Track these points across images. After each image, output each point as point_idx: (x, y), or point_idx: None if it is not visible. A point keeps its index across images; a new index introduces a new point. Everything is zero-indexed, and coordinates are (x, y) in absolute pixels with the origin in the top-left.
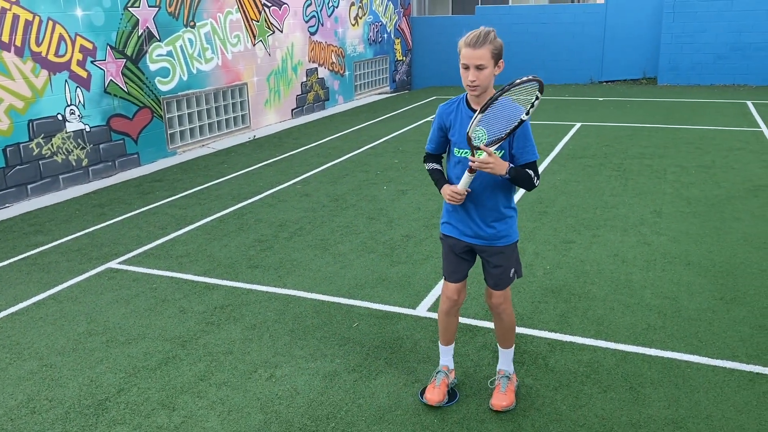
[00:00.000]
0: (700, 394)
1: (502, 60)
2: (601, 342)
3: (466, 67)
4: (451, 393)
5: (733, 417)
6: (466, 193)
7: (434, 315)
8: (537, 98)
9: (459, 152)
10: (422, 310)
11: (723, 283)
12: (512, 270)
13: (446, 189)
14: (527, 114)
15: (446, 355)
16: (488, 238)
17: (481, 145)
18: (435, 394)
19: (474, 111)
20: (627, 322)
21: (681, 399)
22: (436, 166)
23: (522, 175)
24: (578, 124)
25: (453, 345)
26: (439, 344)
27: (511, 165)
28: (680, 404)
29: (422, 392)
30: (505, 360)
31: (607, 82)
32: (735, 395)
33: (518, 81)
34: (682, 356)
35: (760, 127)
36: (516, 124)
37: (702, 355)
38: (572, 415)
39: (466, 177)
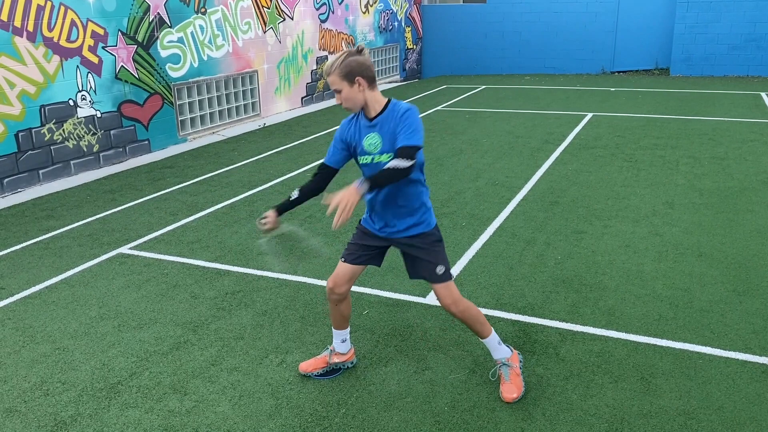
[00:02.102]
0: (712, 386)
1: (359, 77)
2: (612, 332)
3: (334, 92)
4: (331, 371)
5: (745, 409)
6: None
7: None
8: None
9: (362, 159)
10: (432, 298)
11: (735, 274)
12: (438, 266)
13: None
14: None
15: (335, 338)
16: (400, 232)
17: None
18: (307, 363)
19: (369, 121)
20: (638, 313)
21: (693, 390)
22: (309, 185)
23: (382, 176)
24: (590, 115)
25: (343, 331)
26: None
27: (360, 182)
28: (692, 395)
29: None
30: (493, 349)
31: (619, 72)
32: (747, 387)
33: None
34: (694, 347)
35: None
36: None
37: (714, 346)
38: (583, 405)
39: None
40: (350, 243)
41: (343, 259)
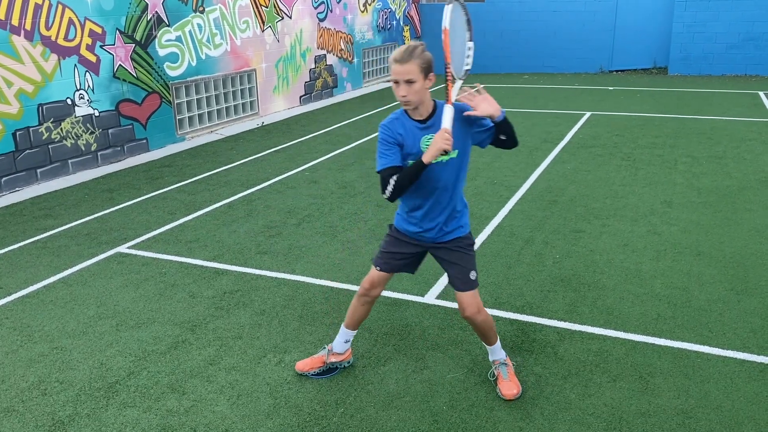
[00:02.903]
0: (710, 385)
1: (432, 73)
2: (610, 331)
3: (397, 83)
4: (327, 370)
5: (743, 408)
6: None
7: (443, 303)
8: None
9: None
10: (431, 297)
11: (734, 273)
12: (472, 272)
13: (439, 135)
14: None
15: (340, 337)
16: (443, 234)
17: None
18: (303, 362)
19: (417, 121)
20: (637, 312)
21: (691, 389)
22: (396, 169)
23: (510, 126)
24: (588, 113)
25: (352, 332)
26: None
27: (503, 112)
28: (690, 394)
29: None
30: (494, 351)
31: (617, 71)
32: (745, 386)
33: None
34: (692, 347)
35: None
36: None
37: (712, 345)
38: (581, 404)
39: (449, 113)
40: (383, 251)
41: (378, 269)
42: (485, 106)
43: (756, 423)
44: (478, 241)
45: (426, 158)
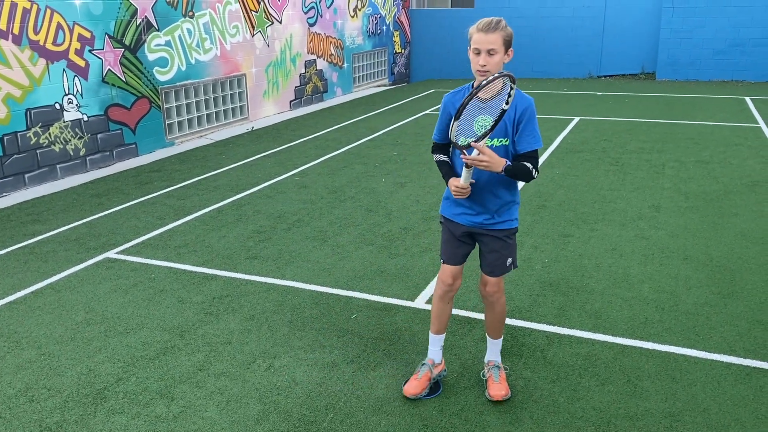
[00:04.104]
0: (697, 388)
1: (511, 49)
2: (599, 335)
3: (478, 52)
4: (434, 386)
5: (729, 411)
6: (469, 186)
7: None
8: (511, 88)
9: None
10: (420, 302)
11: (721, 277)
12: (509, 259)
13: (451, 183)
14: (506, 104)
15: (434, 346)
16: (488, 222)
17: (473, 143)
18: (413, 386)
19: (483, 102)
20: (625, 316)
21: (678, 392)
22: (443, 157)
23: (520, 169)
24: (577, 119)
25: (443, 336)
26: (430, 333)
27: (509, 162)
28: (677, 397)
29: (405, 383)
30: (494, 350)
31: (605, 76)
32: (732, 389)
33: (485, 81)
34: (679, 350)
35: (758, 123)
36: (498, 115)
37: (699, 349)
38: (570, 408)
39: (465, 172)
40: (445, 246)
41: (443, 262)
42: (492, 167)
43: (742, 425)
44: None
45: (450, 185)
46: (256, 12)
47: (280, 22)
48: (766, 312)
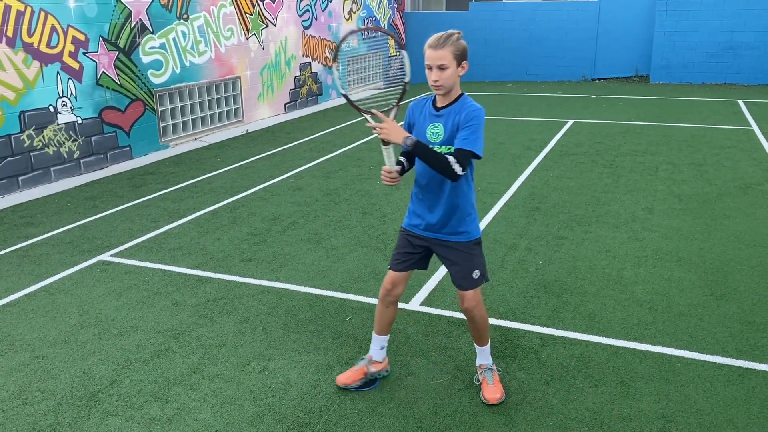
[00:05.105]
0: (690, 389)
1: (465, 61)
2: (592, 337)
3: (430, 68)
4: (368, 381)
5: (722, 411)
6: (395, 171)
7: (427, 309)
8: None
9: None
10: (415, 304)
11: (713, 279)
12: (476, 272)
13: (382, 170)
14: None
15: (375, 345)
16: (442, 232)
17: (374, 110)
18: (345, 376)
19: (437, 110)
20: (618, 318)
21: (671, 393)
22: (402, 159)
23: (432, 154)
24: (571, 121)
25: (384, 337)
26: (373, 332)
27: (414, 138)
28: (670, 398)
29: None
30: (483, 355)
31: (599, 79)
32: (724, 390)
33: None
34: (672, 351)
35: (750, 126)
36: (402, 85)
37: (692, 350)
38: (563, 409)
39: (384, 152)
40: (395, 252)
41: (390, 269)
42: (389, 136)
43: (735, 426)
44: None
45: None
46: (251, 15)
47: (275, 25)
48: (758, 313)
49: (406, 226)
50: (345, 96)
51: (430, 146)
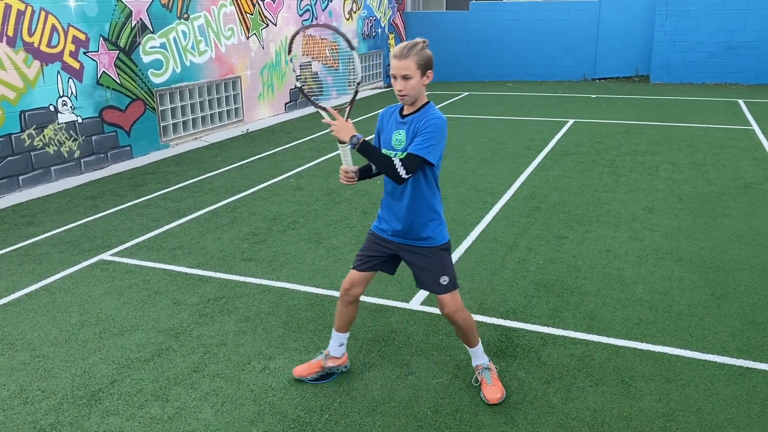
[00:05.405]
0: (691, 388)
1: (431, 70)
2: (593, 336)
3: (395, 77)
4: (324, 375)
5: (722, 411)
6: (352, 170)
7: (427, 309)
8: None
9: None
10: (415, 303)
11: (714, 279)
12: (443, 277)
13: (340, 170)
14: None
15: (333, 341)
16: (407, 238)
17: (329, 107)
18: (301, 368)
19: (402, 118)
20: (619, 317)
21: (672, 393)
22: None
23: (377, 154)
24: (571, 121)
25: (343, 335)
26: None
27: (361, 136)
28: (671, 398)
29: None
30: (477, 355)
31: (600, 79)
32: (725, 389)
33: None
34: (673, 351)
35: (750, 126)
36: (354, 84)
37: (693, 349)
38: (564, 408)
39: (341, 150)
40: (359, 253)
41: (352, 268)
42: (339, 133)
43: (735, 425)
44: (462, 247)
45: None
46: (251, 14)
47: (275, 25)
48: (758, 312)
49: (374, 230)
50: (300, 89)
51: (394, 152)
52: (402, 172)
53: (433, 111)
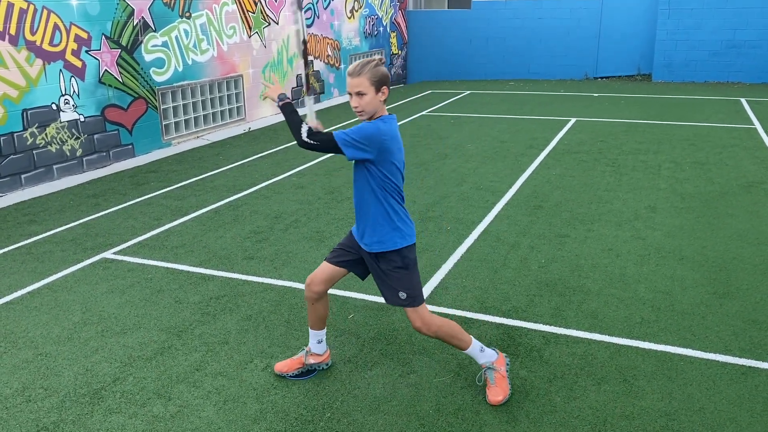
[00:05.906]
0: (693, 387)
1: (386, 86)
2: (595, 335)
3: (350, 95)
4: (306, 371)
5: (725, 410)
6: (312, 125)
7: (429, 307)
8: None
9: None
10: None
11: (716, 277)
12: (401, 293)
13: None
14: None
15: (311, 338)
16: (362, 242)
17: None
18: (282, 364)
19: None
20: (621, 316)
21: (674, 392)
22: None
23: (292, 115)
24: (573, 120)
25: (318, 332)
26: None
27: (288, 100)
28: (673, 397)
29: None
30: (476, 356)
31: (602, 78)
32: (727, 388)
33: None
34: (675, 350)
35: (753, 124)
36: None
37: (695, 348)
38: (566, 407)
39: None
40: (335, 247)
41: (325, 259)
42: (270, 93)
43: (738, 425)
44: (464, 246)
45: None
46: (253, 13)
47: (277, 23)
48: (761, 312)
49: (353, 230)
50: (304, 42)
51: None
52: (303, 135)
53: (376, 120)
